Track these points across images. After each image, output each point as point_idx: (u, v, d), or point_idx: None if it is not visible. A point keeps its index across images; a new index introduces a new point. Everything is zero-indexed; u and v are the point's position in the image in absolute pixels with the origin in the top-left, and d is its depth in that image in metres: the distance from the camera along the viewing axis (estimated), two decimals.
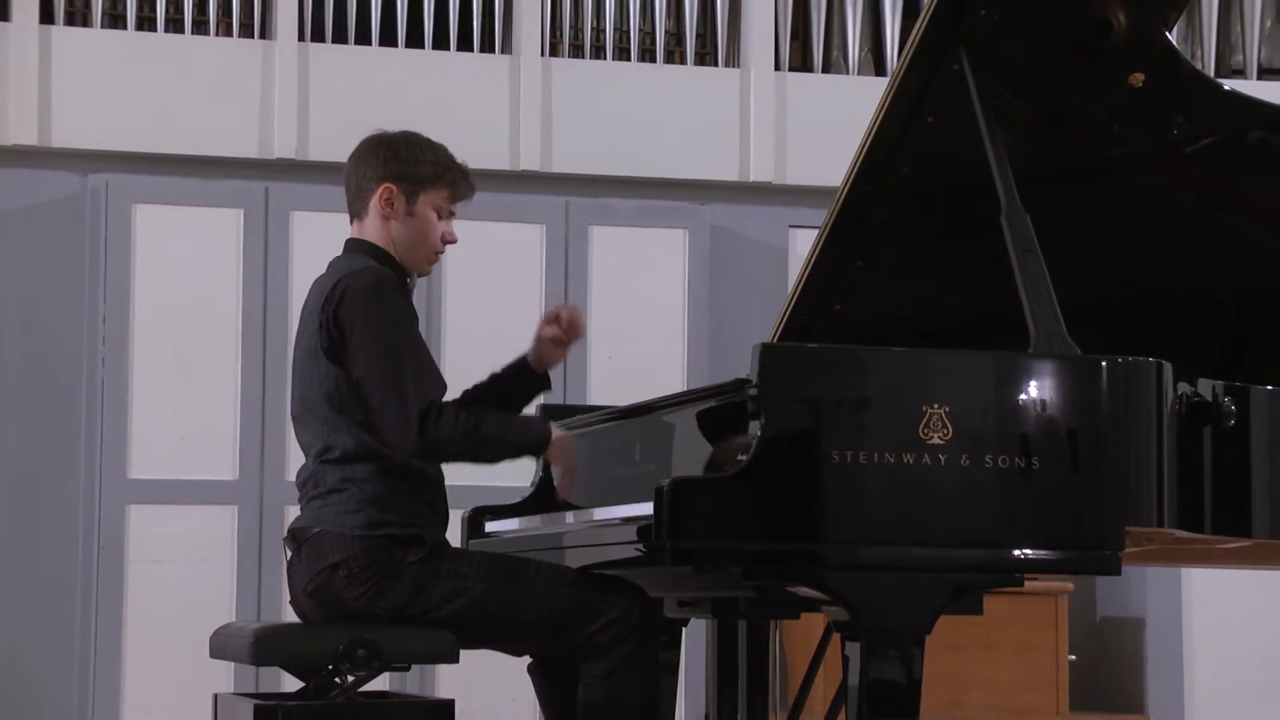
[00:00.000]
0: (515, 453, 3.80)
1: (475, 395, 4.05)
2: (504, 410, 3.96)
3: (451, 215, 3.85)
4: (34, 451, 6.39)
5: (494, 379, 4.08)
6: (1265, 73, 7.19)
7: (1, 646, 6.33)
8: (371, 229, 3.82)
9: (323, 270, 3.85)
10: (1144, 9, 3.69)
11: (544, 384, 4.07)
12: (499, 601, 3.68)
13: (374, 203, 3.79)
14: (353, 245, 3.85)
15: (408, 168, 3.79)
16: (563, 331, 4.00)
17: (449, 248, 3.88)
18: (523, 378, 4.05)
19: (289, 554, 3.80)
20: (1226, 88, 3.93)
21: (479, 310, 6.26)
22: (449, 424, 3.61)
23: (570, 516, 3.83)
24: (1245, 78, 7.12)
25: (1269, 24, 7.23)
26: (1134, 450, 3.34)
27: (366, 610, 3.66)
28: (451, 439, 3.62)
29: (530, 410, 4.51)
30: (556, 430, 3.77)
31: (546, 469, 4.38)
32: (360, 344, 3.65)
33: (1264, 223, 4.07)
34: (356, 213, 3.84)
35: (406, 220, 3.80)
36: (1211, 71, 6.98)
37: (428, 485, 3.73)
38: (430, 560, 3.68)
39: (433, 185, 3.81)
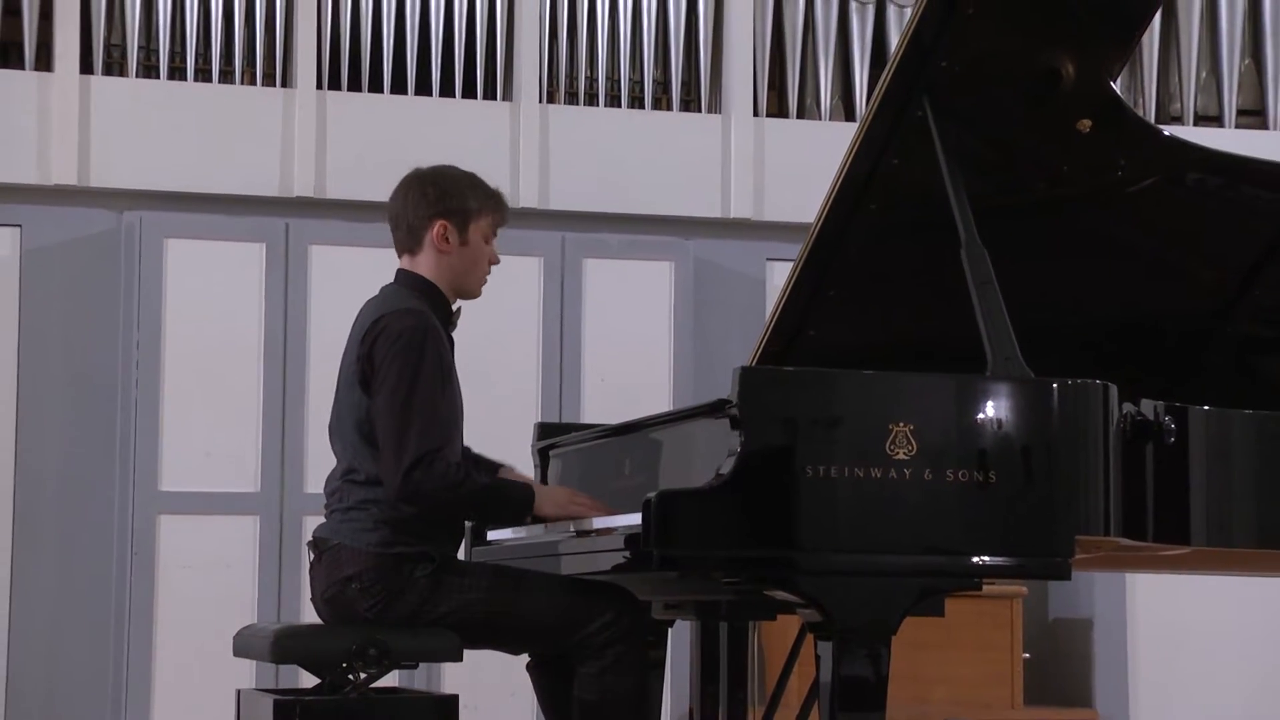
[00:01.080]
0: (498, 517, 3.80)
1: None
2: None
3: (494, 237, 3.85)
4: (74, 465, 6.38)
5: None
6: (1201, 119, 7.21)
7: (42, 643, 6.31)
8: (425, 263, 3.80)
9: (339, 296, 3.84)
10: (1090, 61, 3.68)
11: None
12: (500, 611, 3.67)
13: (429, 239, 3.77)
14: (403, 277, 3.82)
15: (456, 202, 3.78)
16: None
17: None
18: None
19: (312, 557, 3.79)
20: (1166, 133, 3.93)
21: (481, 336, 6.23)
22: (437, 476, 3.58)
23: (569, 525, 3.81)
24: (1183, 124, 7.13)
25: (1204, 75, 7.24)
26: (1083, 465, 3.33)
27: (379, 618, 3.65)
28: (435, 490, 3.59)
29: (527, 429, 4.51)
30: (544, 492, 3.75)
31: (545, 472, 4.37)
32: (382, 385, 3.64)
33: (1200, 256, 4.07)
34: (409, 248, 3.81)
35: (461, 251, 3.79)
36: (1152, 118, 6.99)
37: None
38: (437, 574, 3.66)
39: (479, 215, 3.80)
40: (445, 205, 3.78)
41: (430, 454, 3.58)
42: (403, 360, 3.63)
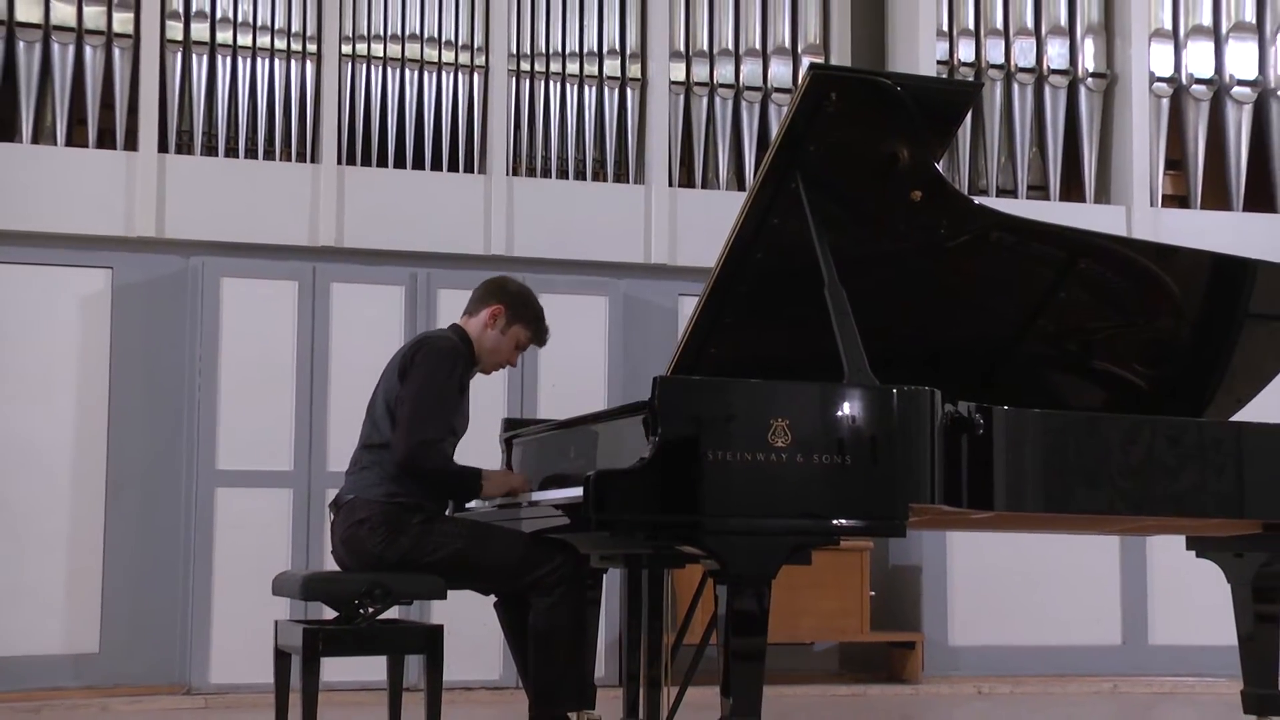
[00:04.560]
0: (463, 496, 3.87)
1: None
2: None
3: (522, 349, 3.94)
4: (151, 449, 6.30)
5: None
6: (1001, 192, 7.27)
7: (128, 589, 6.23)
8: (474, 326, 3.91)
9: (355, 322, 3.85)
10: (920, 148, 3.68)
11: None
12: (474, 552, 3.68)
13: (486, 312, 3.89)
14: (453, 330, 3.92)
15: (518, 303, 3.92)
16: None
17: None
18: None
19: (332, 517, 3.80)
20: (976, 201, 3.94)
21: None
22: (435, 456, 3.65)
23: (523, 499, 3.79)
24: (988, 195, 7.18)
25: (1002, 159, 7.31)
26: (914, 451, 3.33)
27: (382, 553, 3.66)
28: (430, 468, 3.66)
29: (497, 422, 4.49)
30: (490, 476, 3.78)
31: (510, 455, 4.33)
32: (414, 378, 3.71)
33: (1001, 294, 4.07)
34: (470, 311, 3.93)
35: (497, 335, 3.90)
36: (965, 190, 7.04)
37: None
38: (428, 522, 3.68)
39: (522, 324, 3.92)
40: (510, 302, 3.92)
41: (436, 440, 3.65)
42: (434, 368, 3.72)
